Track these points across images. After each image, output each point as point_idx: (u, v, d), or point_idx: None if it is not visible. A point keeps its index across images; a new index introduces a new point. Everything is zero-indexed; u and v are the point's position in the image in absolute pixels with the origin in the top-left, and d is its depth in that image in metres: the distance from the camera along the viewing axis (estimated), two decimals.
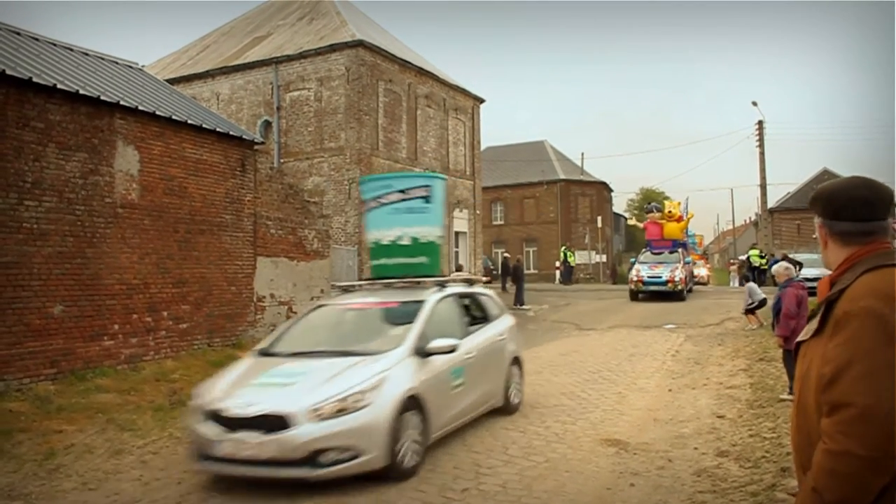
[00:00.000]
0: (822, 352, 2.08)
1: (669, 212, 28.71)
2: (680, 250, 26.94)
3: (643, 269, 25.62)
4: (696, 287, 37.89)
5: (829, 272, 2.28)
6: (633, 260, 29.12)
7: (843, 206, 2.21)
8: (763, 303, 17.82)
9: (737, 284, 34.49)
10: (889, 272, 2.08)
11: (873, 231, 2.18)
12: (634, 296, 25.26)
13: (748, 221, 73.34)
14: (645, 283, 24.85)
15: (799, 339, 2.27)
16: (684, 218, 29.03)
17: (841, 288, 2.12)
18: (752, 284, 19.63)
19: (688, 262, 27.08)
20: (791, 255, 26.25)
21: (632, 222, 31.80)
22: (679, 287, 24.31)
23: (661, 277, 24.60)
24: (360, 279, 20.12)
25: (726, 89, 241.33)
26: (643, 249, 29.00)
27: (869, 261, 2.14)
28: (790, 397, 7.83)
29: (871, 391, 1.92)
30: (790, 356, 8.22)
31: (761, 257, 30.61)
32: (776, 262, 30.41)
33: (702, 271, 42.38)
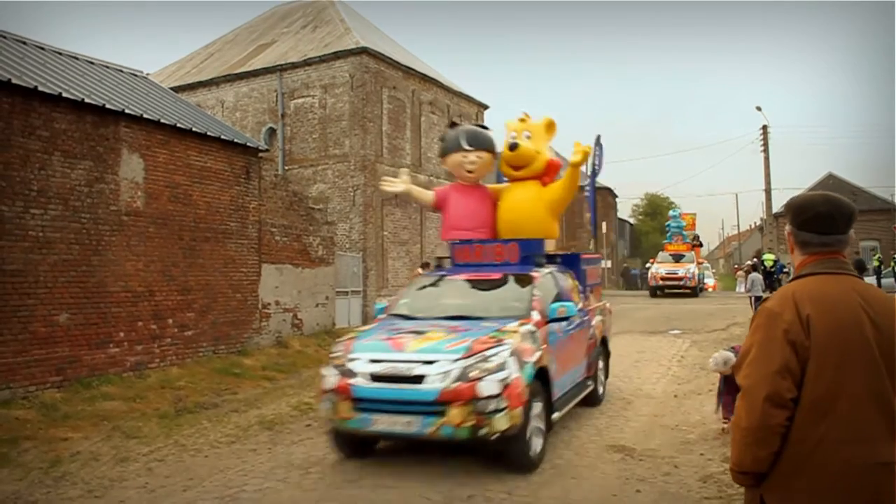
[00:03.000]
0: None
1: (514, 143, 9.51)
2: (565, 278, 9.26)
3: (365, 352, 6.85)
4: (701, 292, 35.27)
5: None
6: (378, 307, 8.71)
7: (808, 219, 2.56)
8: (759, 300, 17.94)
9: (743, 290, 34.37)
10: (810, 280, 2.49)
11: (830, 243, 2.53)
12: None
13: (753, 226, 73.21)
14: (363, 409, 6.53)
15: None
16: (585, 171, 12.56)
17: None
18: (755, 275, 19.55)
19: (583, 325, 9.11)
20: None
21: (391, 186, 10.75)
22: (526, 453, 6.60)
23: (423, 390, 6.34)
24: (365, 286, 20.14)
25: (728, 94, 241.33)
26: (429, 273, 10.60)
27: (807, 268, 2.54)
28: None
29: (752, 375, 2.39)
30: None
31: (775, 262, 30.80)
32: (782, 268, 30.35)
33: (690, 268, 30.70)
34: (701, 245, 40.97)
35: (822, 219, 2.53)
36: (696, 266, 31.07)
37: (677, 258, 31.74)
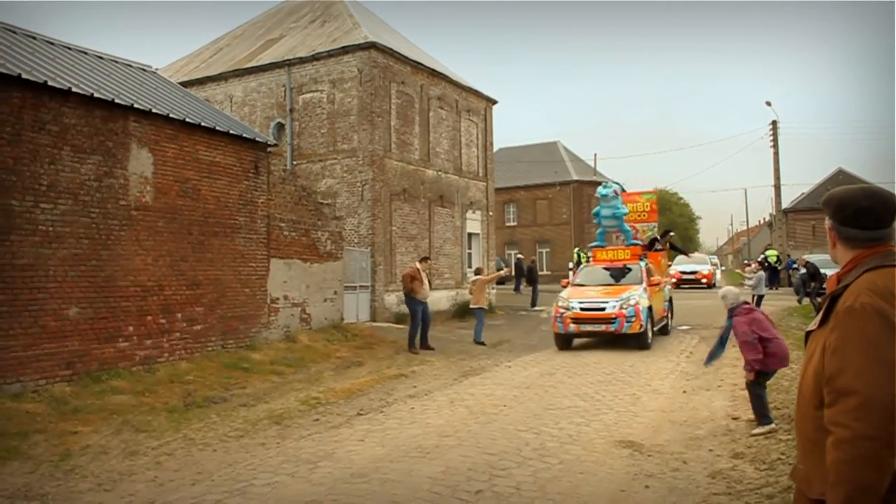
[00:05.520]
0: (823, 341, 2.32)
1: None
2: None
3: None
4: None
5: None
6: None
7: (851, 214, 2.47)
8: (759, 300, 17.80)
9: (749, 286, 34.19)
10: (889, 271, 2.34)
11: (878, 237, 2.45)
12: None
13: (762, 222, 72.93)
14: None
15: (808, 329, 2.51)
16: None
17: (845, 284, 2.38)
18: (761, 273, 19.31)
19: None
20: (808, 257, 25.65)
21: None
22: None
23: None
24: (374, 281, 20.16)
25: (732, 91, 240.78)
26: None
27: (871, 261, 2.40)
28: (763, 430, 7.69)
29: (875, 380, 2.13)
30: (757, 386, 7.92)
31: (778, 258, 30.64)
32: (793, 263, 30.17)
33: (632, 296, 15.19)
34: (668, 248, 21.85)
35: (865, 214, 2.45)
36: (645, 291, 15.74)
37: (618, 275, 16.82)
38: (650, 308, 15.45)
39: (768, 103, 37.09)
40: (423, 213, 22.99)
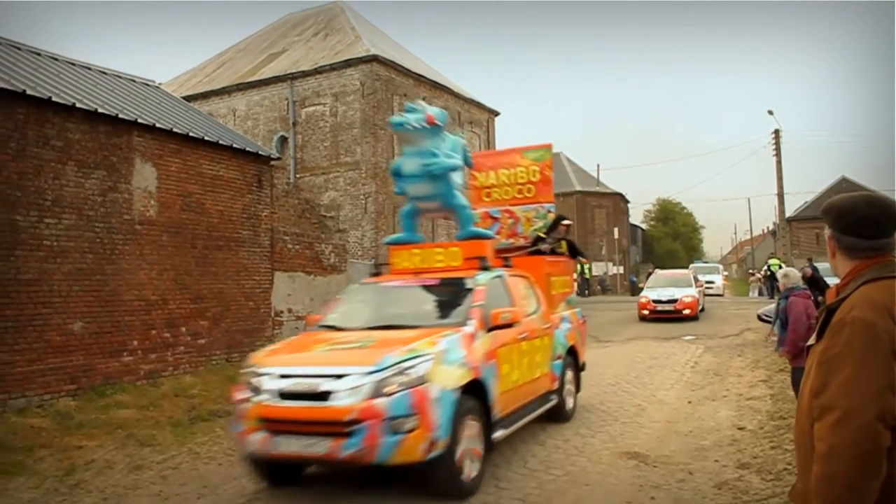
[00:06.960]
0: (818, 356, 2.24)
1: None
2: None
3: None
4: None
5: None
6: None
7: (852, 223, 2.37)
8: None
9: (756, 295, 34.10)
10: (886, 283, 2.25)
11: (879, 247, 2.35)
12: None
13: (766, 231, 72.89)
14: None
15: (807, 343, 2.44)
16: None
17: (842, 297, 2.29)
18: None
19: None
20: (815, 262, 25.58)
21: None
22: None
23: None
24: None
25: (729, 98, 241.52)
26: None
27: (870, 272, 2.30)
28: None
29: (855, 395, 2.07)
30: (800, 374, 7.90)
31: (780, 267, 30.49)
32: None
33: (419, 364, 5.70)
34: (567, 249, 10.54)
35: (866, 222, 2.34)
36: (465, 344, 6.33)
37: (437, 303, 7.49)
38: (480, 388, 6.41)
39: (770, 112, 37.05)
40: (426, 225, 23.03)
